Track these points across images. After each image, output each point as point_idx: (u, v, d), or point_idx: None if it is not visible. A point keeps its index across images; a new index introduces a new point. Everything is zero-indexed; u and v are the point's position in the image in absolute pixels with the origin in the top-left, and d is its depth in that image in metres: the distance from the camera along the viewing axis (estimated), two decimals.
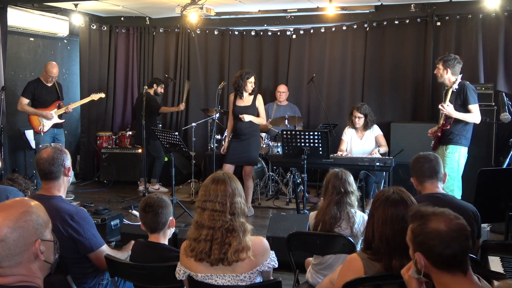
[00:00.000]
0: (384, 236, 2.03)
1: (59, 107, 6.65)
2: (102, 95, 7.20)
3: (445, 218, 1.67)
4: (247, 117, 5.75)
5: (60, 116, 6.67)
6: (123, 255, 2.91)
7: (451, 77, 4.86)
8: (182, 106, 7.58)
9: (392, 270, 2.01)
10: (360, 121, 5.78)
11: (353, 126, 5.85)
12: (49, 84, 6.63)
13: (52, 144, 6.21)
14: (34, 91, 6.50)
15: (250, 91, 5.81)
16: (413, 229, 1.72)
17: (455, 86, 4.70)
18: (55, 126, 6.62)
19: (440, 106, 4.76)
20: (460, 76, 4.78)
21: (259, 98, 5.93)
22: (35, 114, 6.47)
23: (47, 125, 6.51)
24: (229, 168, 5.81)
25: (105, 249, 2.77)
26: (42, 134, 6.47)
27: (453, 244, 1.63)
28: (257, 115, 5.89)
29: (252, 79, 5.78)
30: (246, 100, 5.85)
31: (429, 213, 1.70)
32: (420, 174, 2.96)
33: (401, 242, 2.01)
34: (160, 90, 7.44)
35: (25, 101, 6.48)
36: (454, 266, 1.65)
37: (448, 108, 4.69)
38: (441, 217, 1.67)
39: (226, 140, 6.08)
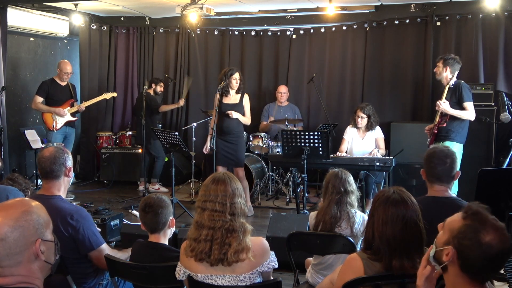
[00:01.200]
0: (385, 236, 2.02)
1: (72, 106, 6.75)
2: (114, 94, 7.39)
3: (502, 236, 1.58)
4: (235, 114, 5.69)
5: (73, 115, 6.80)
6: (123, 255, 2.91)
7: (448, 75, 5.01)
8: (181, 102, 7.52)
9: (392, 270, 2.01)
10: (363, 121, 5.77)
11: (356, 125, 5.85)
12: (64, 83, 6.76)
13: (54, 143, 6.26)
14: (48, 90, 6.65)
15: (235, 88, 5.75)
16: (464, 229, 1.61)
17: (452, 82, 4.87)
18: (68, 124, 6.75)
19: (437, 103, 4.89)
20: (456, 73, 4.93)
21: (246, 97, 5.89)
22: (49, 112, 6.62)
23: (60, 122, 6.64)
24: (222, 170, 5.74)
25: (105, 247, 2.78)
26: (55, 131, 6.60)
27: (494, 263, 1.59)
28: (243, 114, 5.84)
29: (236, 75, 5.73)
30: (234, 98, 5.81)
31: (489, 222, 1.60)
32: (430, 174, 2.85)
33: (402, 242, 2.00)
34: (160, 89, 7.44)
35: (39, 99, 6.63)
36: (480, 277, 1.62)
37: (444, 105, 4.84)
38: (498, 233, 1.58)
39: (208, 139, 5.81)
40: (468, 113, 4.91)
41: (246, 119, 5.88)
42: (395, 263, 1.99)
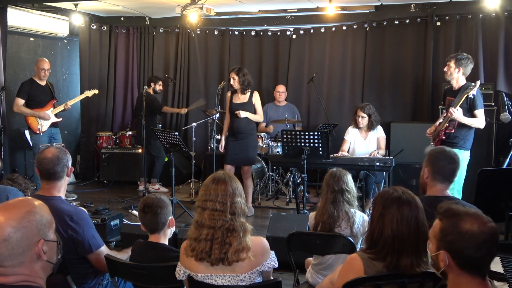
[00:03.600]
0: (400, 235, 2.04)
1: (54, 107, 6.65)
2: (96, 91, 7.14)
3: (479, 220, 1.63)
4: (243, 113, 5.71)
5: (57, 115, 6.67)
6: (123, 256, 2.91)
7: (460, 77, 4.78)
8: (183, 111, 7.55)
9: (397, 269, 2.03)
10: (363, 121, 5.75)
11: (357, 126, 5.83)
12: (43, 83, 6.62)
13: (54, 144, 6.21)
14: (30, 91, 6.48)
15: (235, 87, 5.75)
16: (443, 227, 1.67)
17: (473, 92, 4.54)
18: (52, 125, 6.63)
19: (450, 110, 4.64)
20: (478, 83, 4.61)
21: (256, 94, 5.90)
22: (32, 115, 6.46)
23: (45, 124, 6.51)
24: (230, 169, 5.78)
25: (104, 250, 2.77)
26: (41, 134, 6.46)
27: (484, 247, 1.60)
28: (254, 112, 5.86)
29: (231, 74, 5.75)
30: (242, 97, 5.83)
31: (462, 213, 1.66)
32: (439, 172, 2.77)
33: (414, 241, 2.04)
34: (159, 87, 7.40)
35: (21, 101, 6.44)
36: (478, 268, 1.63)
37: (457, 113, 4.59)
38: (474, 219, 1.63)
39: (223, 138, 6.03)
40: (479, 120, 4.67)
41: (258, 117, 5.90)
42: (406, 261, 2.02)
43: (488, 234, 1.61)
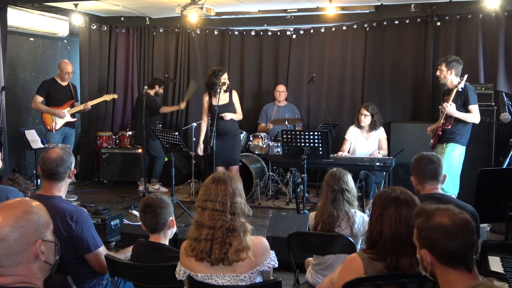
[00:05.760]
0: (399, 235, 2.05)
1: (72, 106, 6.73)
2: (115, 95, 7.36)
3: (449, 212, 1.70)
4: (229, 115, 5.69)
5: (73, 115, 6.77)
6: (121, 256, 2.91)
7: (454, 78, 4.96)
8: (182, 105, 7.58)
9: (396, 269, 2.03)
10: (366, 119, 5.73)
11: (359, 125, 5.81)
12: (65, 83, 6.74)
13: (59, 145, 6.22)
14: (49, 89, 6.61)
15: (224, 89, 5.71)
16: (418, 226, 1.75)
17: (461, 86, 4.79)
18: (67, 124, 6.72)
19: (443, 105, 4.83)
20: (466, 76, 4.84)
21: (234, 93, 5.89)
22: (48, 112, 6.58)
23: (59, 123, 6.61)
24: (222, 170, 5.73)
25: (103, 251, 2.77)
26: (54, 131, 6.56)
27: (457, 238, 1.64)
28: (234, 112, 5.84)
29: (225, 75, 5.69)
30: (223, 98, 5.76)
31: (433, 209, 1.73)
32: (422, 175, 2.99)
33: (413, 240, 2.04)
34: (161, 91, 7.48)
35: (39, 99, 6.59)
36: (459, 261, 1.66)
37: (450, 107, 4.78)
38: (445, 212, 1.70)
39: (201, 141, 5.93)
40: (473, 115, 4.86)
41: (238, 115, 5.89)
42: (405, 261, 2.03)
43: (460, 225, 1.66)
